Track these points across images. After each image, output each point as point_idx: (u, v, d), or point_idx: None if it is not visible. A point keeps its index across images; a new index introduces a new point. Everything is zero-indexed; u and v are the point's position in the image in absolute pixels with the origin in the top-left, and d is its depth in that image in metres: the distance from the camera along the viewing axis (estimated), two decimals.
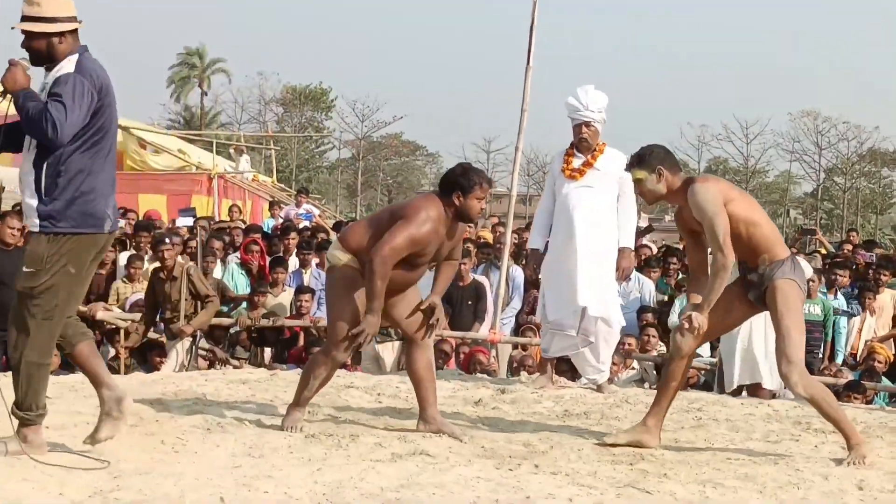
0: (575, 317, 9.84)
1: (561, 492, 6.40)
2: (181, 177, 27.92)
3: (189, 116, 77.56)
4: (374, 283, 7.44)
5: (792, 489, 6.71)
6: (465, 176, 7.61)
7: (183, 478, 6.34)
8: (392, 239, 7.41)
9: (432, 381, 7.95)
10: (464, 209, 7.61)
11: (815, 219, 68.92)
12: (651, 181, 7.58)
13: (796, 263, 7.61)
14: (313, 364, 7.91)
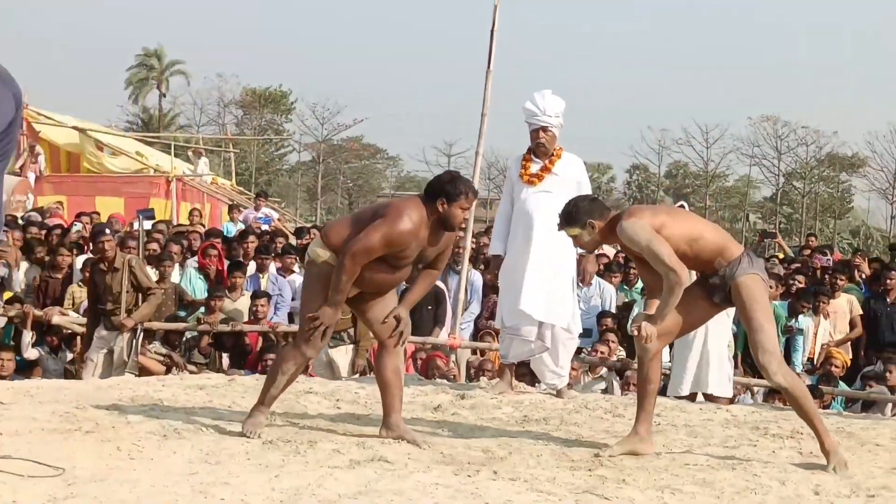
0: (532, 322, 9.84)
1: (520, 498, 6.38)
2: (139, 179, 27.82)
3: (147, 118, 77.20)
4: (339, 278, 7.43)
5: (749, 494, 6.72)
6: (452, 184, 7.57)
7: (139, 485, 6.29)
8: (366, 237, 7.38)
9: (399, 388, 7.92)
10: (447, 216, 7.57)
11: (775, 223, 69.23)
12: (585, 235, 7.71)
13: (752, 257, 7.65)
14: (281, 360, 7.88)
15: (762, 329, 7.48)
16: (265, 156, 74.93)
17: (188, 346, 13.99)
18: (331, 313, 7.55)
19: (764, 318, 7.51)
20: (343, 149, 77.21)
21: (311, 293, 7.74)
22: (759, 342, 7.48)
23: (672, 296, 7.40)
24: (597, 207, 7.71)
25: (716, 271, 7.58)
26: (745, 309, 7.55)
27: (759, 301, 7.52)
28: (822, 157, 73.14)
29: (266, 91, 76.57)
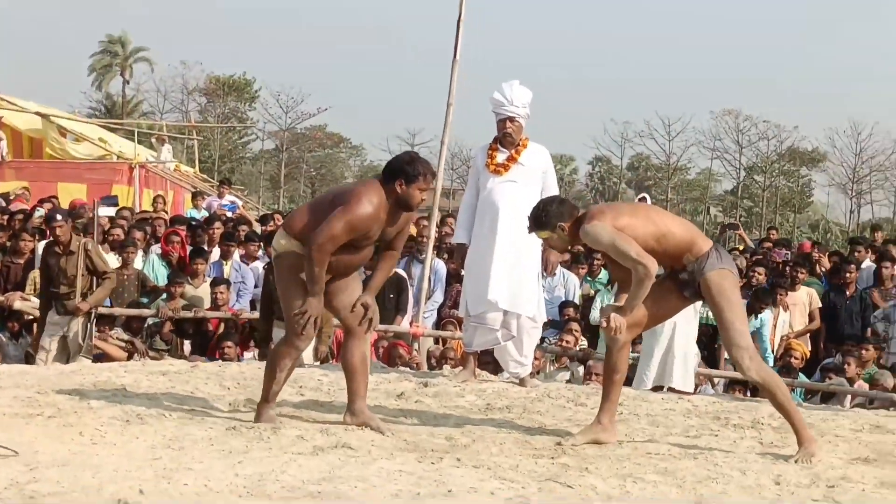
0: (497, 311, 9.86)
1: (483, 485, 6.40)
2: (102, 166, 27.70)
3: (111, 105, 76.85)
4: (312, 269, 7.46)
5: (710, 483, 6.76)
6: (411, 164, 7.57)
7: (101, 469, 6.27)
8: (330, 226, 7.39)
9: (365, 375, 7.93)
10: (405, 197, 7.56)
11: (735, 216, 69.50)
12: (555, 237, 7.74)
13: (721, 251, 7.67)
14: (276, 356, 7.90)
15: (732, 325, 7.51)
16: (228, 143, 74.69)
17: (150, 332, 13.96)
18: (316, 304, 7.58)
19: (734, 314, 7.53)
20: (306, 137, 77.08)
21: (285, 285, 7.75)
22: (730, 338, 7.52)
23: (641, 288, 7.42)
24: (566, 210, 7.71)
25: (684, 267, 7.60)
26: (714, 305, 7.58)
27: (728, 297, 7.55)
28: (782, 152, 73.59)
29: (230, 79, 76.32)
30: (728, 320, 7.52)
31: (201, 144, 51.07)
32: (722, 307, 7.53)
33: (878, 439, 8.26)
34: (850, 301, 14.91)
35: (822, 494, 6.65)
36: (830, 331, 14.87)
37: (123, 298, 14.36)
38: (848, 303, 14.90)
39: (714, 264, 7.54)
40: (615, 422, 7.89)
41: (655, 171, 78.91)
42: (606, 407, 7.82)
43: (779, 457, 7.55)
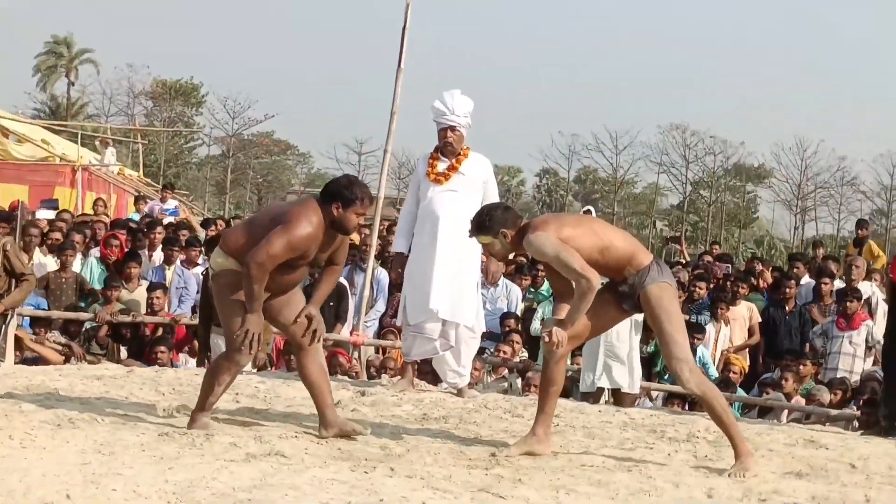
0: (436, 320, 9.85)
1: (415, 495, 6.38)
2: (44, 167, 27.50)
3: (55, 106, 76.29)
4: (250, 288, 7.45)
5: (644, 496, 6.77)
6: (349, 188, 7.56)
7: (29, 474, 6.20)
8: (269, 244, 7.37)
9: (327, 384, 7.93)
10: (341, 220, 7.56)
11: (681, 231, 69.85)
12: (497, 244, 7.70)
13: (661, 265, 7.69)
14: (216, 369, 7.86)
15: (672, 338, 7.53)
16: (174, 148, 74.33)
17: (87, 336, 13.85)
18: (255, 320, 7.56)
19: (674, 328, 7.55)
20: (253, 144, 76.78)
21: (224, 303, 7.73)
22: (670, 351, 7.54)
23: (583, 301, 7.42)
24: (510, 217, 7.69)
25: (625, 279, 7.62)
26: (654, 318, 7.59)
27: (668, 310, 7.57)
28: (728, 167, 74.07)
29: (177, 83, 75.97)
30: (668, 333, 7.54)
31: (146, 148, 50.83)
32: (662, 320, 7.55)
33: (811, 454, 8.30)
34: (789, 316, 15.01)
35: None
36: (770, 346, 14.96)
37: (61, 301, 14.25)
38: (787, 318, 15.00)
39: (654, 278, 7.55)
40: (550, 433, 7.89)
41: (602, 185, 79.21)
42: (542, 419, 7.82)
43: (712, 470, 7.57)
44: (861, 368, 13.62)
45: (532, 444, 7.74)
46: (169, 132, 69.40)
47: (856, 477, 7.64)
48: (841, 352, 13.77)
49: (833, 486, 7.30)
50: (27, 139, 28.54)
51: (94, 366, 11.16)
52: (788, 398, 12.50)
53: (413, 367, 10.33)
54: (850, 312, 13.78)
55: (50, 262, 15.16)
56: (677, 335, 7.56)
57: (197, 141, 78.00)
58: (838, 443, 8.77)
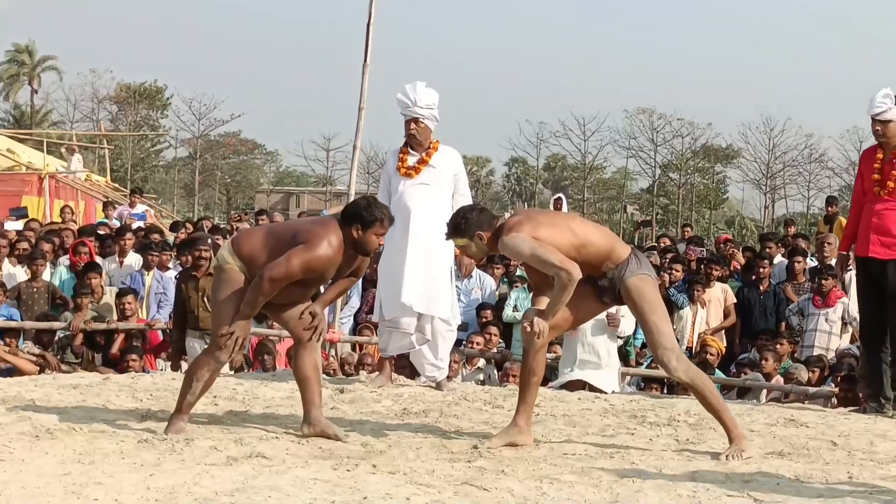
0: (412, 314, 9.83)
1: (398, 491, 6.36)
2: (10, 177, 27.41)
3: (19, 115, 75.93)
4: (254, 299, 7.50)
5: (627, 482, 6.76)
6: (368, 210, 7.60)
7: (8, 486, 6.16)
8: (288, 263, 7.42)
9: (318, 383, 7.91)
10: (361, 242, 7.60)
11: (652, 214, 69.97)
12: (473, 246, 7.70)
13: (640, 257, 7.69)
14: (196, 366, 7.88)
15: (657, 328, 7.53)
16: (141, 152, 74.02)
17: (61, 345, 13.77)
18: (244, 325, 7.62)
19: (657, 318, 7.56)
20: (220, 144, 76.53)
21: (219, 297, 7.74)
22: (655, 341, 7.54)
23: (564, 293, 7.41)
24: (485, 219, 7.69)
25: (604, 274, 7.61)
26: (637, 310, 7.59)
27: (650, 301, 7.57)
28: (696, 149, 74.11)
29: (141, 86, 75.64)
30: (652, 323, 7.54)
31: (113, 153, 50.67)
32: (645, 311, 7.55)
33: (792, 433, 8.32)
34: (763, 296, 15.03)
35: (737, 489, 6.68)
36: (745, 326, 14.99)
37: (34, 311, 14.17)
38: (762, 298, 15.02)
39: (634, 270, 7.55)
40: (531, 423, 7.87)
41: (572, 171, 79.16)
42: (523, 409, 7.80)
43: (695, 453, 7.58)
44: (837, 345, 13.65)
45: (514, 435, 7.72)
46: (135, 136, 69.10)
47: (837, 454, 7.66)
48: (817, 329, 13.79)
49: (815, 465, 7.31)
50: None
51: (70, 375, 11.09)
52: (769, 378, 12.51)
53: (391, 363, 10.32)
54: (825, 290, 13.80)
55: (20, 272, 15.08)
56: (662, 324, 7.56)
57: (163, 144, 77.72)
58: (818, 421, 8.80)
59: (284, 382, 9.85)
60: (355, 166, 12.89)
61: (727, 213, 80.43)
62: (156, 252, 15.39)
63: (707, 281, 15.07)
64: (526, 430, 7.78)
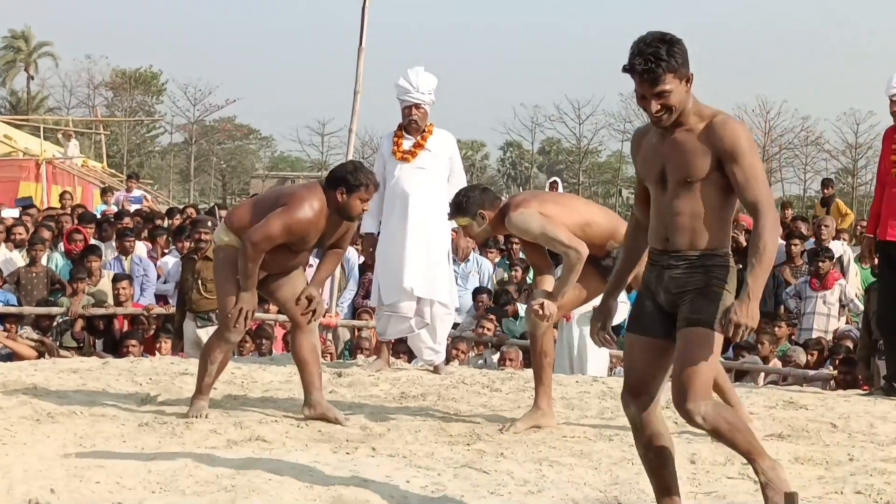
0: (411, 298, 9.84)
1: (398, 474, 6.38)
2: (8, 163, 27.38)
3: (15, 101, 75.83)
4: (245, 265, 7.52)
5: (626, 465, 6.78)
6: (354, 174, 7.59)
7: (11, 470, 6.18)
8: (267, 225, 7.44)
9: (317, 365, 7.93)
10: (345, 206, 7.59)
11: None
12: (475, 225, 7.71)
13: None
14: (208, 349, 7.93)
15: None
16: (137, 138, 73.93)
17: (60, 330, 13.78)
18: (248, 297, 7.63)
19: None
20: (215, 129, 76.42)
21: (221, 277, 7.80)
22: None
23: (573, 273, 7.43)
24: (488, 198, 7.71)
25: (608, 254, 7.62)
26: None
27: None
28: None
29: (136, 72, 75.52)
30: None
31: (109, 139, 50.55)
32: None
33: (791, 415, 8.34)
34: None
35: (737, 472, 6.70)
36: None
37: (33, 296, 14.17)
38: None
39: None
40: (552, 404, 7.88)
41: (567, 155, 79.11)
42: (542, 391, 7.82)
43: (695, 435, 7.58)
44: (835, 328, 13.65)
45: (538, 418, 7.75)
46: (131, 122, 69.03)
47: (837, 436, 7.67)
48: (815, 312, 13.79)
49: (815, 447, 7.33)
50: None
51: (69, 359, 11.09)
52: (766, 361, 12.53)
53: (388, 347, 10.33)
54: (822, 272, 13.80)
55: (17, 257, 15.08)
56: None
57: (159, 129, 77.64)
58: (818, 403, 8.81)
59: (283, 366, 9.87)
60: (351, 150, 12.88)
61: None
62: (129, 237, 15.38)
63: None
64: (549, 411, 7.80)
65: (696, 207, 5.10)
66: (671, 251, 5.17)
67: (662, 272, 5.21)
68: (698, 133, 5.08)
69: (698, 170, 5.06)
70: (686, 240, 5.14)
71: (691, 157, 5.06)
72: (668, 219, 5.14)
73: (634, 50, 4.98)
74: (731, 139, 5.03)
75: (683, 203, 5.10)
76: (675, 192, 5.12)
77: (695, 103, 5.14)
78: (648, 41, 4.98)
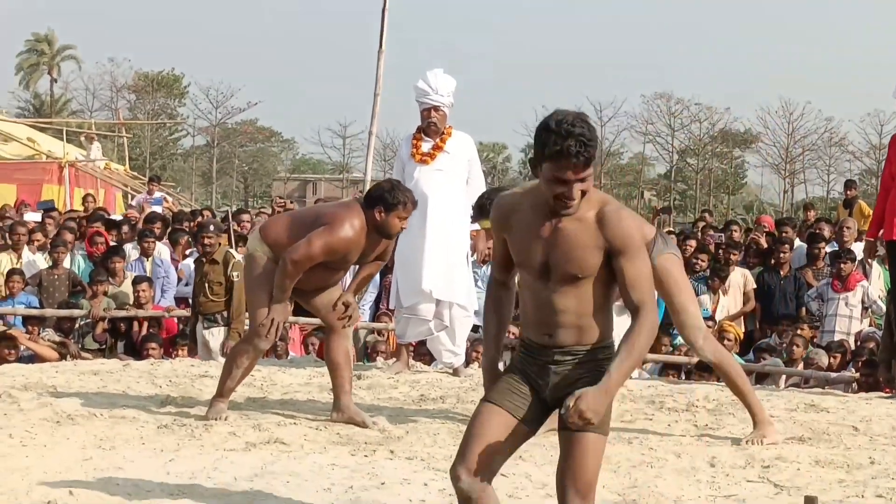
0: (430, 300, 9.82)
1: (416, 476, 6.37)
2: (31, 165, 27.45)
3: (39, 104, 76.15)
4: (282, 282, 7.55)
5: (646, 468, 6.76)
6: (392, 193, 7.63)
7: (31, 472, 6.20)
8: (309, 245, 7.47)
9: (349, 370, 7.96)
10: (383, 225, 7.64)
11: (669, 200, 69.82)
12: None
13: (665, 237, 7.69)
14: (235, 353, 7.95)
15: (685, 308, 7.49)
16: (159, 140, 74.18)
17: (82, 332, 13.81)
18: (281, 309, 7.66)
19: (685, 298, 7.53)
20: (237, 132, 76.67)
21: (251, 286, 7.86)
22: (682, 321, 7.50)
23: None
24: None
25: None
26: (665, 290, 7.54)
27: (678, 282, 7.54)
28: (714, 134, 73.88)
29: (159, 75, 75.75)
30: (680, 303, 7.49)
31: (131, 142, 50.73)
32: (672, 291, 7.51)
33: (812, 418, 8.30)
34: (784, 281, 14.94)
35: (757, 475, 6.68)
36: (766, 311, 14.90)
37: (55, 298, 14.21)
38: (782, 283, 14.93)
39: (661, 249, 7.53)
40: None
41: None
42: None
43: (714, 438, 7.57)
44: (858, 330, 13.59)
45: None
46: (153, 125, 69.25)
47: (859, 439, 7.64)
48: (837, 314, 13.72)
49: (836, 450, 7.30)
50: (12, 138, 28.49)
51: (90, 361, 11.12)
52: (795, 364, 12.48)
53: (408, 349, 10.32)
54: (844, 274, 13.73)
55: (40, 259, 15.13)
56: (689, 304, 7.53)
57: (181, 132, 77.89)
58: (839, 406, 8.76)
59: (302, 369, 9.88)
60: (371, 153, 12.92)
61: (746, 198, 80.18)
62: (150, 238, 15.42)
63: (727, 266, 14.95)
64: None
65: (583, 305, 4.63)
66: (554, 347, 4.69)
67: (546, 367, 4.75)
68: (589, 224, 4.60)
69: (590, 268, 4.58)
70: (572, 337, 4.66)
71: (583, 253, 4.58)
72: (550, 316, 4.65)
73: (562, 132, 4.53)
74: (624, 235, 4.58)
75: (568, 300, 4.62)
76: (558, 287, 4.61)
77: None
78: (573, 122, 4.55)
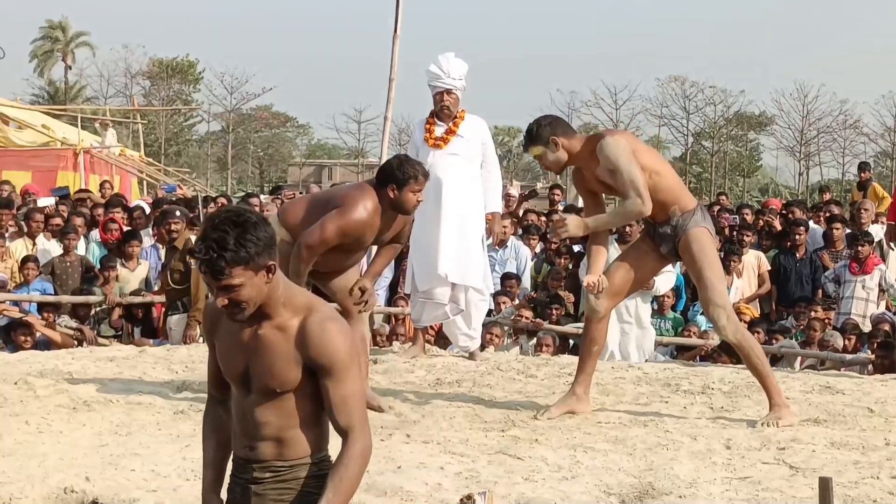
0: (446, 284, 9.82)
1: (433, 460, 6.39)
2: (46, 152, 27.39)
3: (53, 91, 76.14)
4: (297, 267, 7.51)
5: (661, 450, 6.77)
6: (401, 169, 7.60)
7: (47, 458, 6.23)
8: (322, 228, 7.46)
9: (365, 354, 7.94)
10: (399, 202, 7.61)
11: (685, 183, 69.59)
12: (549, 153, 7.62)
13: (704, 211, 7.69)
14: None
15: (713, 285, 7.49)
16: (174, 126, 74.16)
17: (97, 319, 13.82)
18: None
19: (713, 274, 7.53)
20: (252, 118, 76.63)
21: None
22: (708, 297, 7.50)
23: (622, 218, 7.65)
24: (560, 125, 7.70)
25: (668, 219, 7.56)
26: (694, 263, 7.54)
27: (708, 255, 7.54)
28: (729, 117, 73.61)
29: (173, 61, 75.74)
30: (708, 279, 7.49)
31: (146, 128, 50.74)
32: (703, 266, 7.50)
33: (827, 400, 8.30)
34: (800, 263, 14.89)
35: (772, 457, 6.68)
36: (781, 293, 14.87)
37: (68, 285, 14.21)
38: (798, 265, 14.88)
39: (698, 221, 7.55)
40: (589, 392, 7.86)
41: None
42: (582, 378, 7.81)
43: (730, 421, 7.57)
44: (874, 312, 13.55)
45: (572, 404, 7.74)
46: (168, 111, 69.24)
47: (874, 421, 7.63)
48: (854, 296, 13.67)
49: (852, 432, 7.30)
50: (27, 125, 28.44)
51: (106, 348, 11.15)
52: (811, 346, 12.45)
53: (424, 333, 10.32)
54: (862, 256, 13.68)
55: (54, 246, 15.13)
56: (716, 282, 7.53)
57: (196, 118, 77.85)
58: (854, 387, 8.76)
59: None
60: (387, 137, 12.87)
61: (761, 180, 79.93)
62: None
63: (741, 248, 14.93)
64: (584, 398, 7.79)
65: (286, 418, 4.12)
66: (255, 462, 4.16)
67: (247, 488, 4.18)
68: (290, 334, 4.08)
69: (289, 382, 4.08)
70: (273, 451, 4.14)
71: (281, 366, 4.07)
72: (251, 428, 4.14)
73: (202, 232, 4.02)
74: (328, 351, 4.04)
75: (269, 413, 4.11)
76: (259, 400, 4.12)
77: (286, 290, 4.15)
78: (216, 223, 4.00)
